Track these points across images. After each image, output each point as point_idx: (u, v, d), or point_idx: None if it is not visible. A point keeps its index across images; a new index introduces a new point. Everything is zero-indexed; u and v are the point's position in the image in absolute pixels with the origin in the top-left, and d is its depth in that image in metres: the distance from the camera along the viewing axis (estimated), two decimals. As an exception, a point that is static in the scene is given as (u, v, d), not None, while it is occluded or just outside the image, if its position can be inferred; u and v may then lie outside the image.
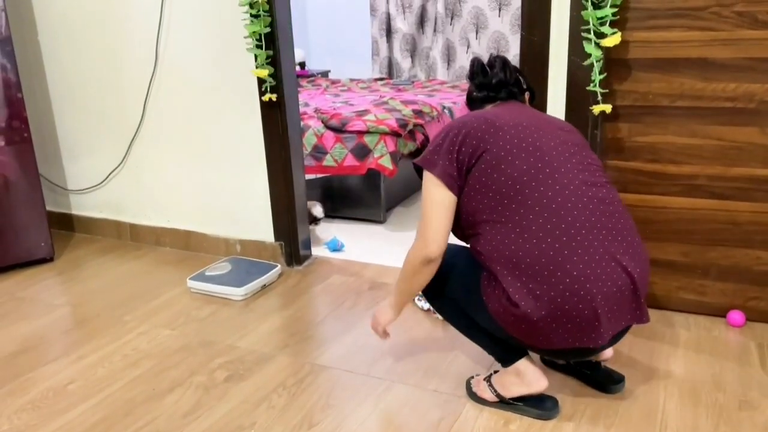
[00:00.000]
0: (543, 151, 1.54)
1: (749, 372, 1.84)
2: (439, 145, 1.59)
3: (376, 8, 5.56)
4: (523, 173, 1.51)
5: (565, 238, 1.45)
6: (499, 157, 1.53)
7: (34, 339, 2.21)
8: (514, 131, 1.56)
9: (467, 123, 1.59)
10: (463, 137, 1.57)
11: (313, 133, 3.24)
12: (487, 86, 1.74)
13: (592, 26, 1.92)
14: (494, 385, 1.70)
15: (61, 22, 2.92)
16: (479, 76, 1.76)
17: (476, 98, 1.78)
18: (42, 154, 3.13)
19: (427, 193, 1.58)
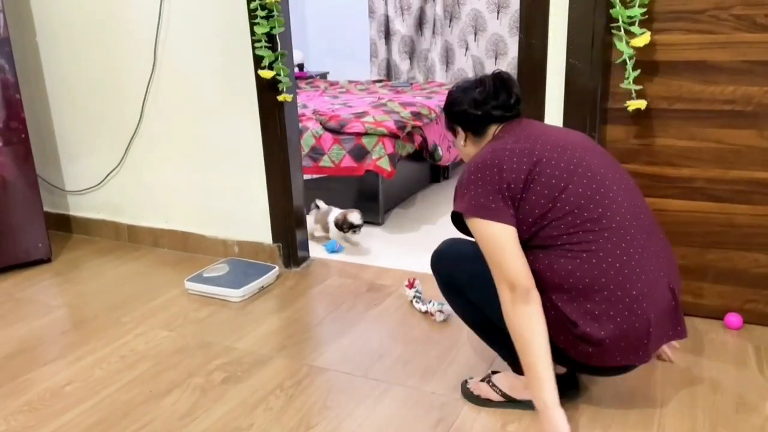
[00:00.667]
0: (593, 171, 1.50)
1: (746, 374, 1.84)
2: (479, 188, 1.48)
3: (375, 10, 5.56)
4: (581, 196, 1.46)
5: (625, 258, 1.44)
6: (552, 185, 1.46)
7: (32, 340, 2.21)
8: (557, 155, 1.50)
9: (503, 158, 1.49)
10: (506, 173, 1.47)
11: (312, 135, 3.24)
12: (505, 106, 1.64)
13: (622, 24, 1.91)
14: (499, 386, 1.70)
15: (60, 23, 2.91)
16: (496, 97, 1.63)
17: (482, 117, 1.65)
18: (40, 154, 3.13)
19: (487, 239, 1.47)
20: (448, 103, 1.71)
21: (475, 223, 1.49)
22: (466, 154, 1.74)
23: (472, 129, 1.68)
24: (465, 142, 1.71)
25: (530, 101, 2.12)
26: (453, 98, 1.69)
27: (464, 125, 1.69)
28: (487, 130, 1.66)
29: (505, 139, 1.56)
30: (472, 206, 1.49)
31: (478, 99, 1.63)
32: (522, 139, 1.54)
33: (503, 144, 1.54)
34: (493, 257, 1.47)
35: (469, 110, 1.65)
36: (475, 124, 1.66)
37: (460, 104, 1.67)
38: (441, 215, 3.42)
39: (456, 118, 1.70)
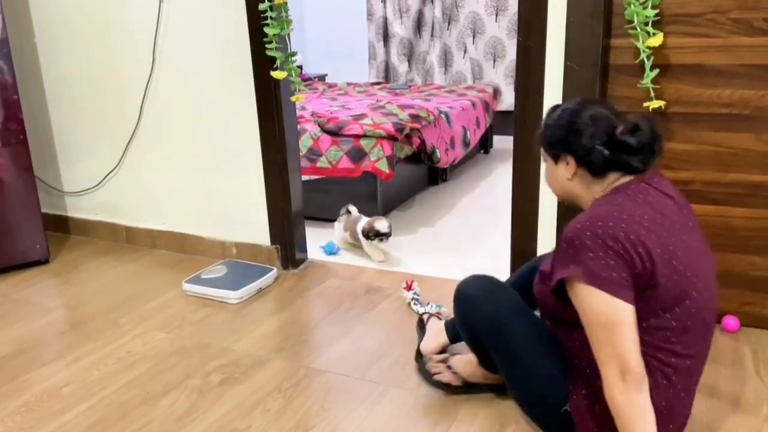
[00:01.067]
0: (707, 286, 1.35)
1: (744, 377, 1.84)
2: (604, 254, 1.25)
3: (373, 12, 5.57)
4: (688, 317, 1.32)
5: (691, 386, 1.38)
6: (669, 290, 1.29)
7: (29, 341, 2.21)
8: (684, 255, 1.30)
9: (639, 231, 1.26)
10: (639, 249, 1.25)
11: (310, 137, 3.24)
12: (646, 162, 1.39)
13: (638, 25, 1.90)
14: (458, 371, 1.73)
15: (58, 24, 2.91)
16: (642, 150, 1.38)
17: (615, 163, 1.38)
18: (38, 155, 3.12)
19: (604, 315, 1.26)
20: (567, 128, 1.41)
21: (589, 293, 1.26)
22: (565, 188, 1.48)
23: (592, 169, 1.41)
24: (573, 177, 1.44)
25: (528, 104, 2.12)
26: (578, 126, 1.39)
27: (582, 161, 1.41)
28: (608, 176, 1.41)
29: (632, 203, 1.32)
30: (593, 274, 1.25)
31: (624, 143, 1.36)
32: (652, 214, 1.30)
33: (633, 209, 1.30)
34: (606, 335, 1.26)
35: (599, 149, 1.37)
36: (600, 166, 1.39)
37: (589, 138, 1.38)
38: (439, 218, 3.42)
39: (573, 150, 1.41)
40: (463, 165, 4.41)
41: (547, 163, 1.50)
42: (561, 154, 1.44)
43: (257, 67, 2.50)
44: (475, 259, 2.79)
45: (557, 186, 1.50)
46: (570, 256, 1.29)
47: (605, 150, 1.37)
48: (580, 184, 1.44)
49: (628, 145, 1.36)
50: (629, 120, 1.39)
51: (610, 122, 1.39)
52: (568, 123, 1.41)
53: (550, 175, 1.51)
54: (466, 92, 4.51)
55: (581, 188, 1.45)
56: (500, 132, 5.11)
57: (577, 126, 1.39)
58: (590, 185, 1.43)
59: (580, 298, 1.29)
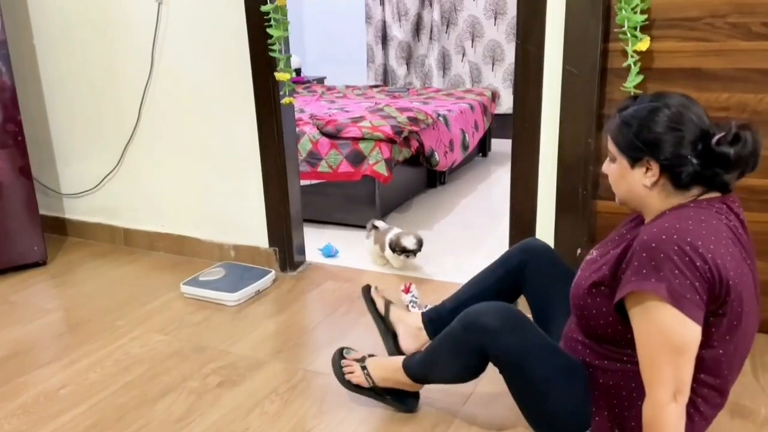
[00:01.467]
0: (756, 321, 1.30)
1: (742, 381, 1.83)
2: (685, 272, 1.15)
3: (372, 16, 5.58)
4: (736, 353, 1.27)
5: (716, 414, 1.35)
6: (731, 323, 1.22)
7: (26, 343, 2.20)
8: (748, 288, 1.23)
9: (719, 254, 1.17)
10: (719, 272, 1.16)
11: (309, 140, 3.25)
12: (739, 177, 1.26)
13: (628, 29, 1.92)
14: (372, 374, 1.72)
15: (58, 26, 2.91)
16: (740, 164, 1.22)
17: (704, 177, 1.24)
18: (36, 157, 3.12)
19: (674, 338, 1.17)
20: (658, 132, 1.23)
21: (668, 313, 1.16)
22: (637, 195, 1.32)
23: (677, 180, 1.25)
24: (653, 185, 1.28)
25: (527, 108, 2.13)
26: (671, 131, 1.23)
27: (668, 170, 1.25)
28: (692, 189, 1.26)
29: (717, 222, 1.21)
30: (676, 294, 1.15)
31: (721, 155, 1.21)
32: (733, 239, 1.22)
33: (719, 230, 1.20)
34: (671, 357, 1.18)
35: (692, 161, 1.22)
36: (688, 179, 1.24)
37: (684, 147, 1.22)
38: (437, 221, 3.42)
39: (663, 156, 1.24)
40: (462, 168, 4.41)
41: (618, 164, 1.33)
42: (644, 158, 1.26)
43: (256, 69, 2.50)
44: (473, 261, 2.79)
45: (627, 190, 1.33)
46: (652, 269, 1.17)
47: (698, 161, 1.22)
48: (659, 195, 1.28)
49: (726, 157, 1.20)
50: (727, 127, 1.22)
51: (705, 129, 1.23)
52: (666, 128, 1.23)
53: (620, 176, 1.33)
54: (465, 95, 4.51)
55: (658, 199, 1.29)
56: (499, 135, 5.12)
57: (676, 131, 1.22)
58: (669, 197, 1.28)
59: (652, 316, 1.18)
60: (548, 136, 2.13)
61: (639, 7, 1.89)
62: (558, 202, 2.15)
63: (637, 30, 1.91)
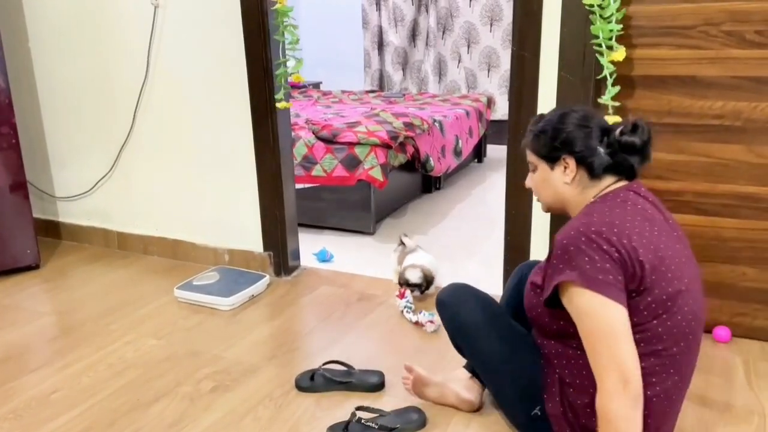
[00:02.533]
0: (697, 298, 1.33)
1: (735, 387, 1.85)
2: (596, 256, 1.25)
3: (369, 21, 5.60)
4: (675, 327, 1.30)
5: (674, 396, 1.34)
6: (660, 300, 1.28)
7: (19, 347, 2.19)
8: (675, 265, 1.30)
9: (632, 234, 1.27)
10: (633, 252, 1.25)
11: (304, 144, 3.25)
12: (642, 162, 1.40)
13: (603, 40, 1.93)
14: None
15: (53, 29, 2.91)
16: (643, 150, 1.39)
17: (614, 164, 1.39)
18: (30, 160, 3.11)
19: (599, 320, 1.24)
20: (570, 131, 1.40)
21: (586, 297, 1.25)
22: (558, 194, 1.46)
23: (591, 171, 1.40)
24: (572, 180, 1.42)
25: (522, 114, 2.13)
26: (580, 128, 1.39)
27: (584, 162, 1.40)
28: (604, 179, 1.41)
29: (622, 209, 1.33)
30: (589, 277, 1.24)
31: (626, 143, 1.37)
32: (641, 221, 1.31)
33: (623, 215, 1.31)
34: (603, 342, 1.24)
35: (601, 150, 1.39)
36: (600, 168, 1.39)
37: (592, 139, 1.39)
38: (432, 225, 3.42)
39: (577, 151, 1.39)
40: (457, 173, 4.42)
41: (539, 171, 1.48)
42: (562, 156, 1.41)
43: (251, 73, 2.50)
44: (468, 266, 2.79)
45: (550, 192, 1.47)
46: (565, 262, 1.28)
47: (607, 150, 1.38)
48: (576, 189, 1.42)
49: (631, 144, 1.36)
50: (626, 121, 1.42)
51: (605, 125, 1.42)
52: (577, 125, 1.40)
53: (542, 181, 1.48)
54: (461, 101, 4.53)
55: (576, 193, 1.43)
56: (494, 141, 5.13)
57: (586, 128, 1.39)
58: (585, 189, 1.42)
59: (576, 303, 1.28)
60: (543, 142, 2.13)
61: (614, 17, 1.90)
62: (553, 208, 2.16)
63: (612, 40, 1.92)
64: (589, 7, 1.92)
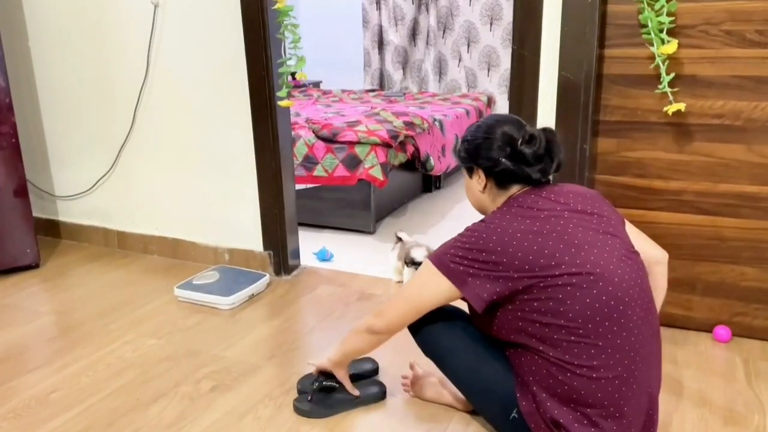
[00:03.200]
0: (612, 281, 1.35)
1: (735, 387, 1.84)
2: (467, 258, 1.39)
3: (369, 20, 5.59)
4: (596, 312, 1.33)
5: (626, 375, 1.35)
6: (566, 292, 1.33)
7: (18, 346, 2.19)
8: (579, 259, 1.35)
9: (513, 255, 1.35)
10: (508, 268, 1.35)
11: (304, 143, 3.24)
12: (545, 172, 1.47)
13: (652, 29, 1.90)
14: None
15: (53, 28, 2.91)
16: (541, 159, 1.45)
17: (516, 175, 1.46)
18: (30, 159, 3.11)
19: (423, 288, 1.48)
20: (478, 143, 1.49)
21: (431, 271, 1.45)
22: (478, 200, 1.58)
23: (498, 181, 1.49)
24: (484, 189, 1.52)
25: (522, 113, 2.13)
26: (485, 140, 1.48)
27: (489, 174, 1.50)
28: (511, 188, 1.49)
29: (509, 212, 1.42)
30: (445, 263, 1.43)
31: (522, 154, 1.44)
32: (526, 218, 1.39)
33: (505, 218, 1.41)
34: (408, 299, 1.51)
35: (504, 162, 1.46)
36: (505, 178, 1.48)
37: (494, 150, 1.47)
38: (432, 225, 3.42)
39: (481, 162, 1.49)
40: (457, 173, 4.42)
41: (465, 177, 1.59)
42: (473, 167, 1.52)
43: (252, 72, 2.50)
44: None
45: (472, 198, 1.59)
46: (443, 245, 1.46)
47: (508, 161, 1.45)
48: (489, 197, 1.53)
49: (524, 155, 1.44)
50: (527, 131, 1.46)
51: (513, 135, 1.46)
52: (480, 138, 1.49)
53: (467, 188, 1.59)
54: (461, 100, 4.52)
55: (489, 201, 1.53)
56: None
57: (486, 141, 1.47)
58: (495, 197, 1.52)
59: (419, 270, 1.48)
60: (543, 141, 2.14)
61: (665, 9, 1.87)
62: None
63: (663, 32, 1.90)
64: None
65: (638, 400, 1.39)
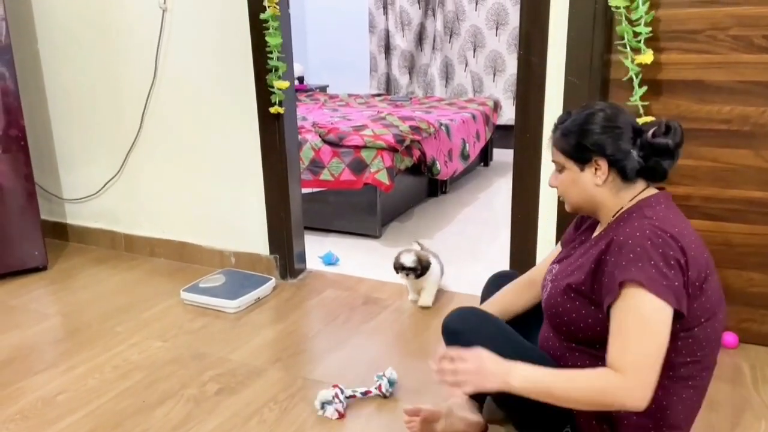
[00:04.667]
0: (723, 300, 1.34)
1: (742, 393, 1.83)
2: (657, 260, 1.22)
3: (375, 25, 5.61)
4: (717, 331, 1.31)
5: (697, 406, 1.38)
6: (707, 307, 1.28)
7: (25, 348, 2.20)
8: (711, 272, 1.31)
9: (689, 244, 1.25)
10: (689, 264, 1.24)
11: (311, 147, 3.25)
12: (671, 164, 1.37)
13: (628, 42, 1.92)
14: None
15: (61, 32, 2.93)
16: (671, 152, 1.36)
17: (648, 167, 1.36)
18: (38, 162, 3.13)
19: (654, 324, 1.21)
20: (606, 132, 1.34)
21: (644, 299, 1.21)
22: (590, 196, 1.39)
23: (624, 174, 1.36)
24: (604, 182, 1.36)
25: (529, 118, 2.13)
26: (616, 130, 1.34)
27: (616, 165, 1.35)
28: (637, 182, 1.38)
29: (675, 214, 1.32)
30: (651, 279, 1.21)
31: (661, 145, 1.34)
32: (689, 228, 1.31)
33: (677, 220, 1.31)
34: (648, 348, 1.21)
35: (633, 152, 1.34)
36: (633, 170, 1.35)
37: (627, 141, 1.34)
38: (438, 229, 3.42)
39: (609, 152, 1.34)
40: (463, 177, 4.42)
41: (567, 171, 1.40)
42: (593, 158, 1.35)
43: (258, 77, 2.51)
44: (473, 270, 2.78)
45: (580, 193, 1.40)
46: (631, 261, 1.23)
47: (639, 153, 1.34)
48: (609, 191, 1.37)
49: (664, 146, 1.33)
50: (659, 122, 1.37)
51: (637, 126, 1.37)
52: (604, 126, 1.34)
53: (571, 182, 1.40)
54: (467, 105, 4.53)
55: (609, 196, 1.37)
56: (500, 145, 5.12)
57: (616, 129, 1.34)
58: (619, 192, 1.37)
59: (631, 303, 1.23)
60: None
61: (643, 20, 1.89)
62: (559, 211, 2.15)
63: (641, 42, 1.91)
64: (616, 8, 1.91)
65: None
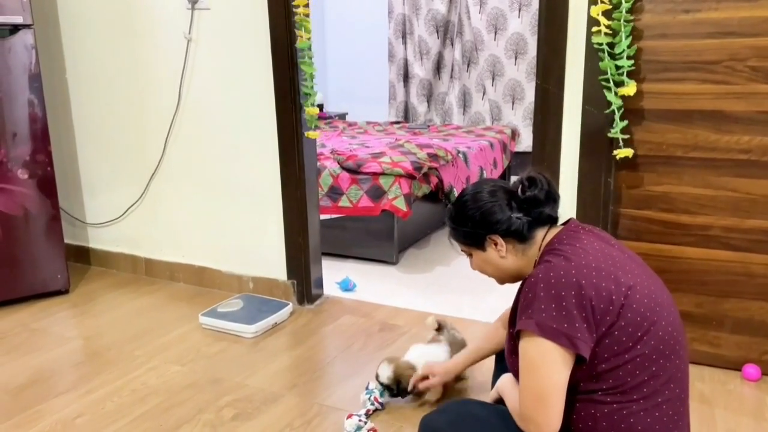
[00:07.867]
0: (669, 309, 1.31)
1: (764, 427, 1.79)
2: (555, 307, 1.24)
3: (394, 54, 5.68)
4: (661, 340, 1.27)
5: (680, 410, 1.30)
6: (637, 322, 1.26)
7: (45, 371, 2.22)
8: (642, 286, 1.29)
9: (581, 276, 1.25)
10: (590, 297, 1.24)
11: (329, 174, 3.28)
12: (555, 207, 1.44)
13: (611, 76, 1.95)
14: None
15: (89, 61, 3.01)
16: (551, 198, 1.42)
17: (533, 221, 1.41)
18: (63, 187, 3.19)
19: (545, 369, 1.24)
20: (481, 213, 1.43)
21: (543, 344, 1.24)
22: (503, 268, 1.47)
23: (518, 236, 1.42)
24: (507, 251, 1.44)
25: (546, 147, 2.14)
26: (486, 207, 1.43)
27: (507, 234, 1.42)
28: (535, 235, 1.42)
29: (571, 250, 1.32)
30: (541, 325, 1.24)
31: (533, 198, 1.40)
32: (596, 251, 1.32)
33: (580, 252, 1.31)
34: (542, 391, 1.25)
35: (515, 216, 1.41)
36: (523, 229, 1.41)
37: (497, 212, 1.42)
38: (455, 257, 3.42)
39: (495, 228, 1.42)
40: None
41: (475, 256, 1.50)
42: (485, 238, 1.44)
43: (279, 105, 2.56)
44: (489, 299, 2.77)
45: (495, 269, 1.49)
46: (524, 308, 1.28)
47: (519, 213, 1.41)
48: (516, 257, 1.44)
49: (534, 198, 1.40)
50: (520, 179, 1.44)
51: (505, 189, 1.45)
52: (475, 209, 1.43)
53: (482, 263, 1.50)
54: (485, 133, 4.54)
55: (519, 260, 1.44)
56: (518, 173, 5.12)
57: (485, 206, 1.42)
58: (525, 252, 1.43)
59: (525, 348, 1.27)
60: (567, 174, 2.14)
61: (625, 53, 1.93)
62: (577, 241, 2.15)
63: (623, 75, 1.94)
64: (598, 45, 1.96)
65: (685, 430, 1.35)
